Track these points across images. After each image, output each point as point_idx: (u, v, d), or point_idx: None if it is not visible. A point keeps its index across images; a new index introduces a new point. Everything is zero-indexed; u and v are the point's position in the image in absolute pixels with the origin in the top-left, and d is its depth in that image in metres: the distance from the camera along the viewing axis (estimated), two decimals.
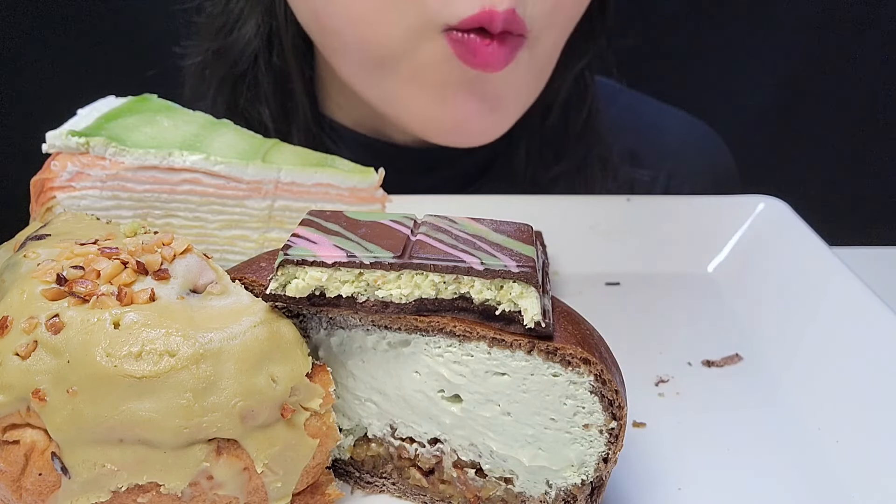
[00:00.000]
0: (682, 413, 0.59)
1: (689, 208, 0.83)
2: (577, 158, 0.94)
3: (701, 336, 0.69)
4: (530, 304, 0.44)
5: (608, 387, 0.45)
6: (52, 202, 0.57)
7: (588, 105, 0.93)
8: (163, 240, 0.48)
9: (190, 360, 0.42)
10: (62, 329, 0.42)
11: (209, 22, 0.88)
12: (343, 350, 0.49)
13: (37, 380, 0.42)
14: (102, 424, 0.41)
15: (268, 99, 0.88)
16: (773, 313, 0.70)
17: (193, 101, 0.92)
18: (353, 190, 0.63)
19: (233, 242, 0.62)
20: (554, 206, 0.82)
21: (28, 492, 0.43)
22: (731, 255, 0.79)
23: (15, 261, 0.47)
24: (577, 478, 0.47)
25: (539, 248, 0.48)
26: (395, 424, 0.50)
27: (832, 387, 0.60)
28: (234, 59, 0.86)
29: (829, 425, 0.57)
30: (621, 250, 0.80)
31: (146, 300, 0.44)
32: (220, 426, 0.42)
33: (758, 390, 0.62)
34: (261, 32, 0.85)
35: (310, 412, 0.46)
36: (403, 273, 0.45)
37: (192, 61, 0.91)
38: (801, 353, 0.64)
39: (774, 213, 0.80)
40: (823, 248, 0.72)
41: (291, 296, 0.45)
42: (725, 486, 0.53)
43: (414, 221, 0.49)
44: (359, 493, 0.53)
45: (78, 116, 0.61)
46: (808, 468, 0.54)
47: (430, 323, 0.46)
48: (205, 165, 0.59)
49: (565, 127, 0.93)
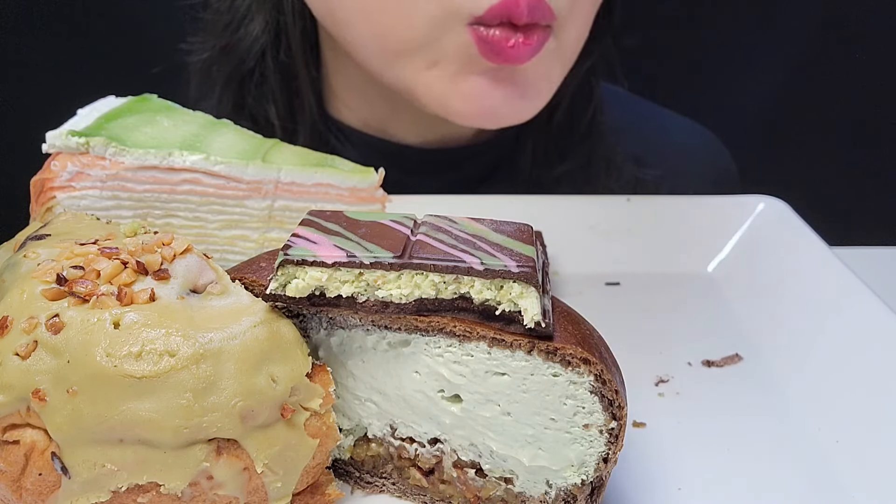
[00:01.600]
0: (682, 413, 0.59)
1: (689, 208, 0.83)
2: (582, 158, 0.93)
3: (701, 336, 0.69)
4: (530, 304, 0.44)
5: (608, 387, 0.45)
6: (52, 202, 0.57)
7: (593, 105, 0.93)
8: (163, 240, 0.48)
9: (190, 360, 0.42)
10: (62, 329, 0.42)
11: (216, 18, 0.87)
12: (343, 350, 0.49)
13: (37, 380, 0.42)
14: (102, 424, 0.41)
15: (275, 96, 0.87)
16: (773, 313, 0.70)
17: (199, 99, 0.91)
18: (353, 190, 0.63)
19: (233, 242, 0.62)
20: (554, 206, 0.82)
21: (28, 492, 0.43)
22: (731, 255, 0.79)
23: (15, 261, 0.47)
24: (577, 478, 0.47)
25: (539, 248, 0.48)
26: (395, 424, 0.50)
27: (832, 387, 0.60)
28: (242, 56, 0.86)
29: (829, 425, 0.57)
30: (621, 250, 0.80)
31: (146, 300, 0.44)
32: (220, 426, 0.42)
33: (758, 390, 0.62)
34: (269, 29, 0.84)
35: (310, 412, 0.46)
36: (403, 273, 0.45)
37: (198, 58, 0.90)
38: (801, 353, 0.64)
39: (774, 213, 0.80)
40: (823, 248, 0.72)
41: (291, 296, 0.45)
42: (725, 486, 0.53)
43: (414, 221, 0.49)
44: (359, 493, 0.53)
45: (78, 116, 0.61)
46: (808, 468, 0.54)
47: (430, 323, 0.46)
48: (205, 165, 0.59)
49: (570, 127, 0.93)
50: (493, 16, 0.65)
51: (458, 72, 0.70)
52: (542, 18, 0.66)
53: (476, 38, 0.66)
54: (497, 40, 0.65)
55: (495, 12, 0.64)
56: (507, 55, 0.66)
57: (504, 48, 0.66)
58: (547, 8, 0.66)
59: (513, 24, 0.65)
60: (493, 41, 0.66)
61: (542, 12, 0.66)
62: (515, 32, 0.66)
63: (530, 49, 0.66)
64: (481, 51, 0.67)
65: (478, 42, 0.66)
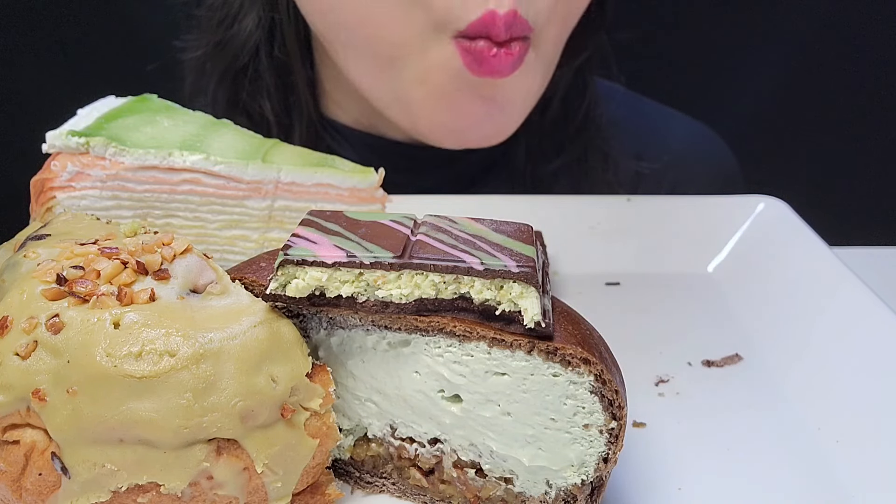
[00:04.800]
0: (682, 413, 0.59)
1: (689, 208, 0.83)
2: (578, 152, 0.94)
3: (701, 336, 0.69)
4: (530, 304, 0.44)
5: (608, 387, 0.45)
6: (52, 202, 0.57)
7: (587, 99, 0.93)
8: (163, 240, 0.48)
9: (190, 360, 0.42)
10: (62, 329, 0.42)
11: (210, 15, 0.88)
12: (343, 350, 0.49)
13: (37, 380, 0.42)
14: (102, 424, 0.41)
15: (269, 93, 0.88)
16: (773, 313, 0.70)
17: (194, 95, 0.92)
18: (352, 190, 0.63)
19: (233, 242, 0.62)
20: (554, 206, 0.82)
21: (28, 492, 0.43)
22: (731, 255, 0.79)
23: (15, 261, 0.47)
24: (577, 478, 0.47)
25: (539, 248, 0.48)
26: (395, 424, 0.50)
27: (832, 387, 0.60)
28: (236, 52, 0.86)
29: (829, 425, 0.57)
30: (621, 250, 0.80)
31: (146, 300, 0.44)
32: (220, 426, 0.42)
33: (758, 390, 0.62)
34: (262, 25, 0.85)
35: (310, 412, 0.46)
36: (403, 273, 0.45)
37: (192, 55, 0.91)
38: (801, 352, 0.64)
39: (774, 213, 0.80)
40: (823, 247, 0.72)
41: (291, 296, 0.45)
42: (725, 486, 0.53)
43: (414, 221, 0.49)
44: (359, 493, 0.53)
45: (78, 116, 0.61)
46: (808, 468, 0.54)
47: (430, 323, 0.46)
48: (205, 165, 0.59)
49: (565, 121, 0.93)
50: (474, 30, 0.67)
51: (445, 87, 0.72)
52: (521, 32, 0.68)
53: (460, 50, 0.69)
54: (480, 50, 0.68)
55: (475, 27, 0.67)
56: (489, 65, 0.68)
57: (486, 57, 0.68)
58: (524, 22, 0.68)
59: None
60: (476, 51, 0.68)
61: (520, 27, 0.68)
62: (498, 47, 0.68)
63: (512, 60, 0.68)
64: (465, 62, 0.69)
65: (462, 53, 0.69)
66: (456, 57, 0.69)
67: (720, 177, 1.03)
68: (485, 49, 0.67)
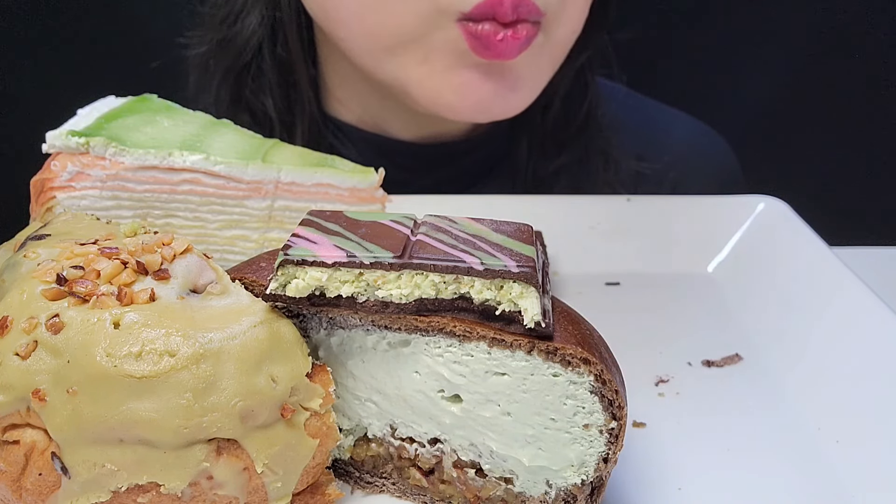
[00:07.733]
0: (682, 413, 0.59)
1: (689, 208, 0.83)
2: (579, 152, 0.94)
3: (701, 336, 0.69)
4: (530, 304, 0.44)
5: (608, 387, 0.45)
6: (52, 202, 0.57)
7: (588, 99, 0.93)
8: (163, 240, 0.48)
9: (190, 360, 0.42)
10: (62, 329, 0.42)
11: (213, 12, 0.89)
12: (343, 350, 0.49)
13: (37, 380, 0.42)
14: (102, 424, 0.41)
15: (272, 90, 0.88)
16: (773, 313, 0.70)
17: (198, 93, 0.92)
18: (352, 190, 0.63)
19: (233, 242, 0.62)
20: (554, 206, 0.82)
21: (28, 492, 0.43)
22: (731, 255, 0.79)
23: (15, 261, 0.47)
24: (577, 478, 0.47)
25: (539, 248, 0.48)
26: (395, 424, 0.50)
27: (832, 387, 0.60)
28: (239, 50, 0.87)
29: (829, 425, 0.57)
30: (621, 250, 0.80)
31: (146, 300, 0.44)
32: (220, 426, 0.42)
33: (758, 390, 0.62)
34: (265, 23, 0.85)
35: (310, 412, 0.46)
36: (403, 273, 0.45)
37: (196, 52, 0.91)
38: (801, 353, 0.64)
39: (774, 213, 0.80)
40: (823, 247, 0.72)
41: (291, 296, 0.45)
42: (725, 486, 0.53)
43: (414, 221, 0.49)
44: (359, 493, 0.53)
45: (78, 116, 0.61)
46: (808, 468, 0.54)
47: (430, 323, 0.46)
48: (205, 165, 0.59)
49: (565, 121, 0.93)
50: (480, 13, 0.66)
51: (449, 66, 0.71)
52: (528, 15, 0.67)
53: (465, 34, 0.68)
54: (486, 34, 0.67)
55: (481, 9, 0.66)
56: (495, 49, 0.67)
57: (493, 42, 0.67)
58: (532, 5, 0.67)
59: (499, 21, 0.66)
60: (482, 35, 0.67)
61: (528, 9, 0.67)
62: (504, 28, 0.67)
63: (518, 43, 0.68)
64: (471, 46, 0.68)
65: (467, 37, 0.68)
66: (461, 40, 0.68)
67: (721, 177, 1.03)
68: (491, 33, 0.67)
